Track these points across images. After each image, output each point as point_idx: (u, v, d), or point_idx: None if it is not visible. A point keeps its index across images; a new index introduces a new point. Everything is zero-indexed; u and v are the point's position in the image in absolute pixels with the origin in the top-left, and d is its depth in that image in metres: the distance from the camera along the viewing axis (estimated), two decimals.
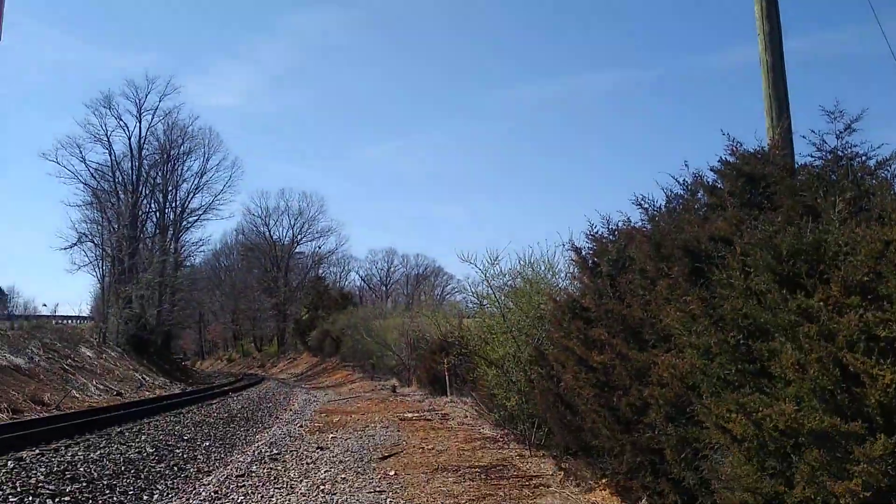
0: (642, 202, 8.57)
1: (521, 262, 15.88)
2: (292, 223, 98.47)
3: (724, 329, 5.55)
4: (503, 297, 15.71)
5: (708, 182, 7.72)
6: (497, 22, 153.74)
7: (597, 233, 9.87)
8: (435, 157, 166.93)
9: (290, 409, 27.78)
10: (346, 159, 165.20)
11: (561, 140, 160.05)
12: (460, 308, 26.91)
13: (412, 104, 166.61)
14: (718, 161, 7.45)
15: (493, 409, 15.90)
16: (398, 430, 17.03)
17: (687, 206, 7.87)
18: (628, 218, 9.30)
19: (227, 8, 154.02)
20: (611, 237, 9.58)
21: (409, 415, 20.50)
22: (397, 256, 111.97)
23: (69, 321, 59.76)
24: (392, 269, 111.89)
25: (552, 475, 10.91)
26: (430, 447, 14.10)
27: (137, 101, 67.49)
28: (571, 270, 12.84)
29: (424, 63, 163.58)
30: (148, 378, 48.04)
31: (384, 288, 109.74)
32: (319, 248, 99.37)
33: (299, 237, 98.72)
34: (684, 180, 8.16)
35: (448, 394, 23.87)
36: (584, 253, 10.41)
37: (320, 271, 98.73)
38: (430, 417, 19.64)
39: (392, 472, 11.57)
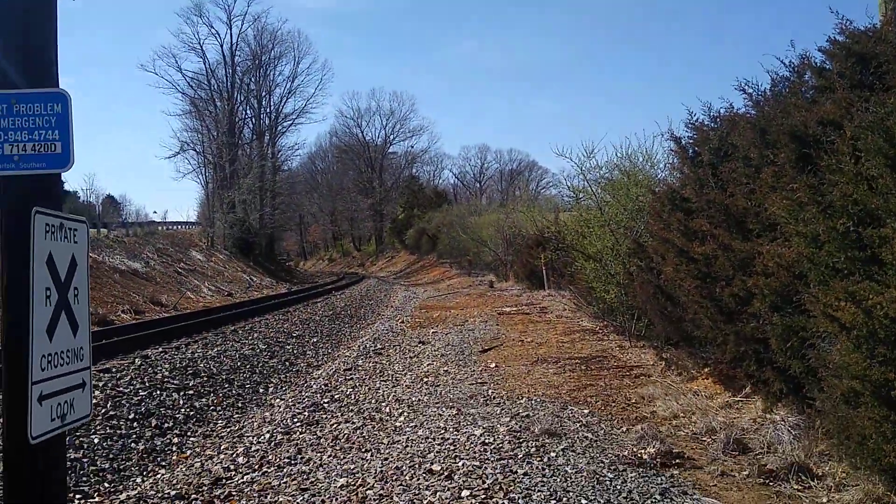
0: (746, 87, 8.16)
1: (618, 155, 15.58)
2: (384, 123, 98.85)
3: (832, 216, 5.33)
4: (600, 191, 15.50)
5: (816, 63, 7.24)
6: None
7: (697, 121, 9.51)
8: (526, 50, 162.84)
9: (391, 306, 28.61)
10: (434, 56, 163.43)
11: (658, 29, 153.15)
12: (556, 203, 26.80)
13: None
14: (827, 41, 6.94)
15: (591, 302, 15.96)
16: (497, 324, 17.33)
17: (793, 90, 7.43)
18: (731, 104, 8.90)
19: None
20: (712, 125, 9.21)
21: (508, 309, 20.81)
22: (490, 153, 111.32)
23: (178, 227, 62.52)
24: (485, 166, 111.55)
25: (653, 365, 10.97)
26: (529, 340, 14.33)
27: (227, 7, 67.93)
28: (671, 161, 12.49)
29: None
30: (255, 279, 50.19)
31: (478, 185, 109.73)
32: (412, 147, 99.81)
33: (392, 137, 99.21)
34: (790, 62, 7.67)
35: (545, 288, 24.04)
36: (684, 142, 10.08)
37: (414, 170, 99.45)
38: (528, 311, 19.88)
39: (493, 365, 11.86)
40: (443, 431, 7.55)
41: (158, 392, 10.60)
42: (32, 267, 2.66)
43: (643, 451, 6.40)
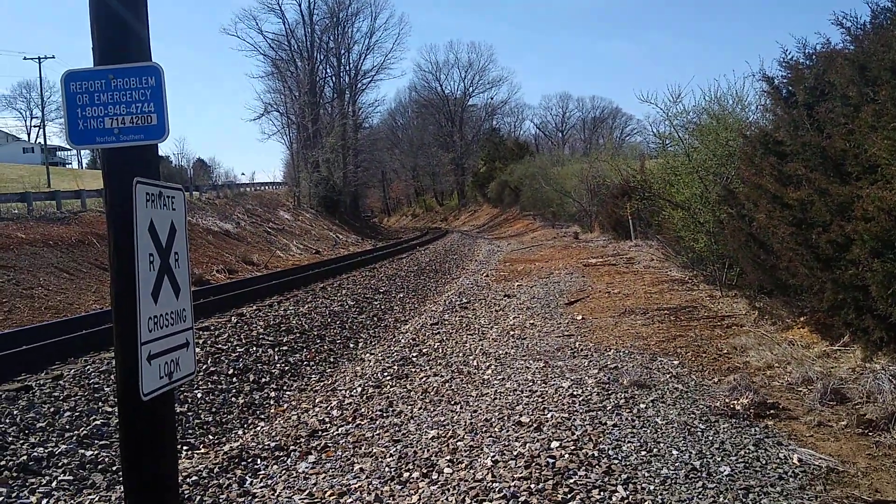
0: (844, 20, 7.74)
1: (706, 98, 15.04)
2: (463, 76, 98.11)
3: None
4: (687, 136, 15.06)
5: None
6: None
7: (791, 59, 9.09)
8: None
9: (475, 260, 28.72)
10: (511, 3, 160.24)
11: None
12: (641, 150, 26.20)
13: None
14: None
15: (679, 252, 15.64)
16: (582, 276, 17.21)
17: None
18: (828, 40, 8.50)
19: None
20: (807, 62, 8.80)
21: (593, 260, 20.61)
22: (572, 101, 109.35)
23: (266, 187, 63.95)
24: (567, 115, 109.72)
25: (745, 315, 10.73)
26: (615, 291, 14.20)
27: None
28: (763, 102, 12.02)
29: None
30: (341, 236, 51.13)
31: (560, 134, 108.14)
32: (492, 99, 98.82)
33: (471, 90, 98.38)
34: None
35: (631, 238, 23.67)
36: (776, 82, 9.67)
37: (494, 122, 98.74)
38: (614, 262, 19.65)
39: (579, 317, 11.82)
40: (530, 384, 7.60)
41: (255, 348, 11.00)
42: (136, 234, 2.79)
43: (736, 401, 6.31)
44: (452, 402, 7.43)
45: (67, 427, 7.03)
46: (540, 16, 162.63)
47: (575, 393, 7.03)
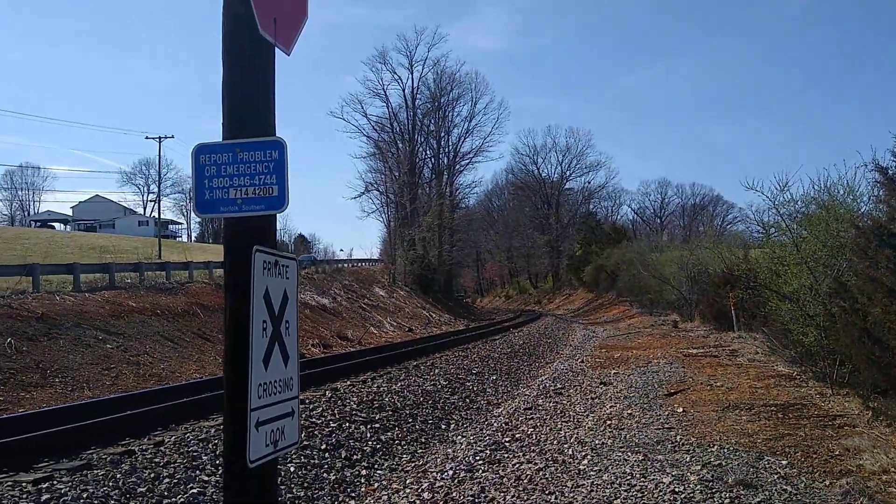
0: None
1: (815, 187, 14.59)
2: (560, 159, 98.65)
3: None
4: (795, 226, 14.58)
5: None
6: None
7: None
8: (703, 79, 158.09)
9: (570, 345, 28.27)
10: (610, 90, 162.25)
11: (861, 48, 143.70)
12: (744, 239, 25.45)
13: (673, 24, 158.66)
14: None
15: (787, 346, 14.96)
16: (683, 367, 16.65)
17: None
18: None
19: None
20: None
21: (694, 351, 19.95)
22: (671, 187, 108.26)
23: (363, 264, 65.25)
24: (666, 201, 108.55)
25: (858, 415, 10.08)
26: (718, 384, 13.64)
27: (409, 53, 71.22)
28: (876, 193, 11.55)
29: None
30: (434, 315, 51.35)
31: (658, 220, 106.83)
32: (589, 182, 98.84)
33: (568, 173, 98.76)
34: None
35: (735, 329, 22.84)
36: (891, 173, 9.32)
37: (591, 206, 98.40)
38: (716, 354, 18.96)
39: (680, 409, 11.37)
40: (629, 477, 7.30)
41: (347, 424, 11.02)
42: (252, 301, 2.86)
43: None
44: (546, 492, 7.19)
45: (166, 493, 7.15)
46: (640, 101, 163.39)
47: (676, 489, 6.71)
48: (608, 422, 10.75)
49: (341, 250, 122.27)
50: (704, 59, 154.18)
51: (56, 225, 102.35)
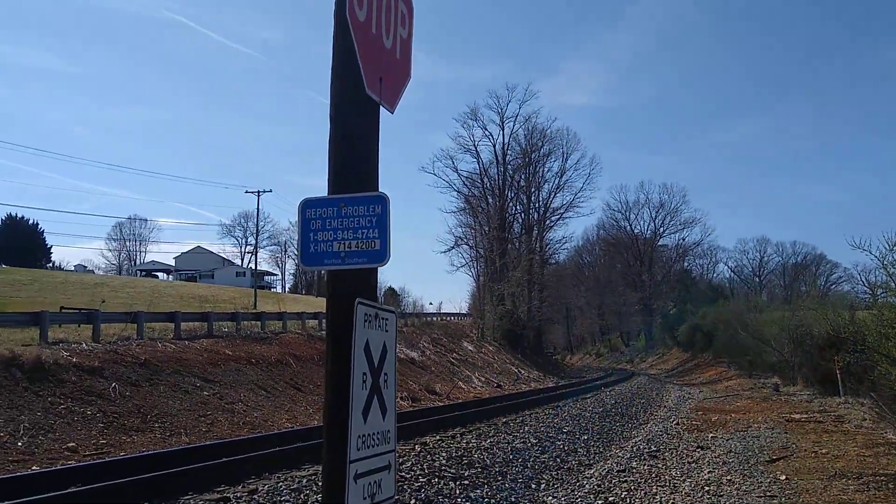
0: None
1: None
2: (654, 216, 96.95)
3: None
4: None
5: None
6: None
7: None
8: (805, 135, 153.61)
9: (664, 406, 27.42)
10: (706, 145, 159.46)
11: None
12: (851, 299, 24.37)
13: (773, 79, 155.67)
14: None
15: None
16: (785, 432, 15.89)
17: None
18: None
19: (574, 4, 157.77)
20: None
21: (796, 416, 19.04)
22: (770, 245, 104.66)
23: (451, 318, 65.43)
24: (765, 259, 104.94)
25: None
26: (823, 451, 12.95)
27: (500, 110, 72.21)
28: None
29: (782, 41, 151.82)
30: (523, 371, 50.81)
31: (757, 279, 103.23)
32: (683, 239, 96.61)
33: (662, 230, 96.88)
34: None
35: (840, 394, 21.72)
36: None
37: (685, 264, 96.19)
38: (820, 419, 18.03)
39: (783, 477, 10.82)
40: None
41: (436, 479, 10.93)
42: (353, 353, 2.91)
43: None
44: None
45: None
46: (737, 157, 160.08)
47: None
48: (706, 488, 10.32)
49: (430, 304, 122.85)
50: (804, 115, 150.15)
51: (160, 274, 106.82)
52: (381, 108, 3.43)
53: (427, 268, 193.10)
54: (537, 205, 75.96)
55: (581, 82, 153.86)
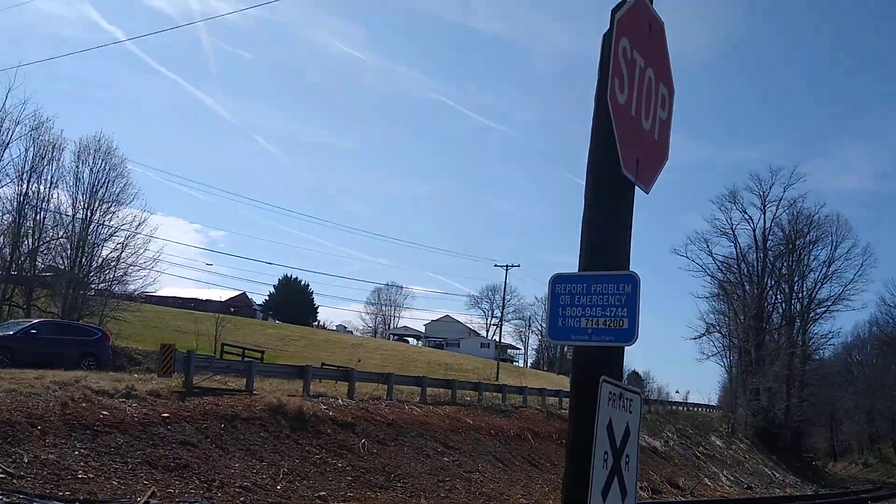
0: None
1: None
2: None
3: None
4: None
5: None
6: None
7: None
8: None
9: None
10: None
11: None
12: None
13: None
14: None
15: None
16: None
17: None
18: None
19: (851, 85, 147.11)
20: None
21: None
22: None
23: (698, 409, 61.97)
24: None
25: None
26: None
27: (762, 193, 68.39)
28: None
29: None
30: (777, 474, 46.68)
31: None
32: None
33: None
34: None
35: None
36: None
37: None
38: None
39: None
40: None
41: None
42: (596, 431, 2.90)
43: None
44: None
45: None
46: None
47: None
48: None
49: (676, 392, 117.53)
50: None
51: (410, 340, 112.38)
52: (636, 188, 3.46)
53: (673, 355, 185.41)
54: (800, 295, 70.56)
55: (852, 164, 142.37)
